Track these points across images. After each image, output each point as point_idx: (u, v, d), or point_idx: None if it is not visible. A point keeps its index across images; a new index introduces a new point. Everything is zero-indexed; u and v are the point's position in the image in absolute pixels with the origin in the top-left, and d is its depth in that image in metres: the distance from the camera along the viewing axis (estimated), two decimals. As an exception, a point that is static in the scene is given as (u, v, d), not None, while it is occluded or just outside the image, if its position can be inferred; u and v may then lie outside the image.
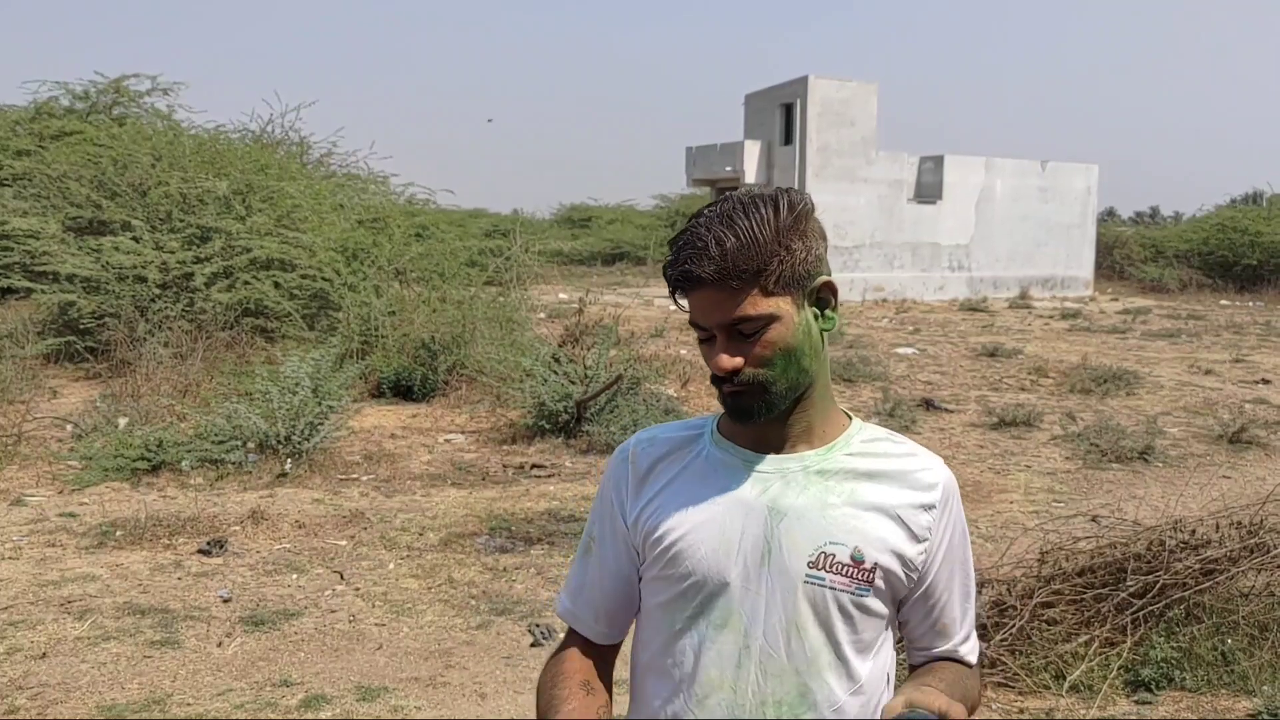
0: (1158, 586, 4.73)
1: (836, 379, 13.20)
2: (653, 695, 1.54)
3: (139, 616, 5.38)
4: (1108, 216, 46.00)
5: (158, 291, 12.14)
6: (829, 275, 1.50)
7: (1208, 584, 4.77)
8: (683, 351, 15.22)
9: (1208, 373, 14.67)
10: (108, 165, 13.84)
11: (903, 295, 28.18)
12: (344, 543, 6.69)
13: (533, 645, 5.16)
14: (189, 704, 4.44)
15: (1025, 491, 8.19)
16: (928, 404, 11.67)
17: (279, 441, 8.33)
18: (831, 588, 1.44)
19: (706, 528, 1.48)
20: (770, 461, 1.50)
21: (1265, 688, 4.34)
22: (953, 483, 1.54)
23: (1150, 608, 4.70)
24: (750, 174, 27.88)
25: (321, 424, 8.57)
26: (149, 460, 8.04)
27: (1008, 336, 18.94)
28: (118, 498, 7.53)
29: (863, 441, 1.53)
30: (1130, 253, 36.05)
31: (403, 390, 11.30)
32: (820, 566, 1.44)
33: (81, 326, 11.96)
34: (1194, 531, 5.02)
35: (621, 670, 1.65)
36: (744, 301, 1.40)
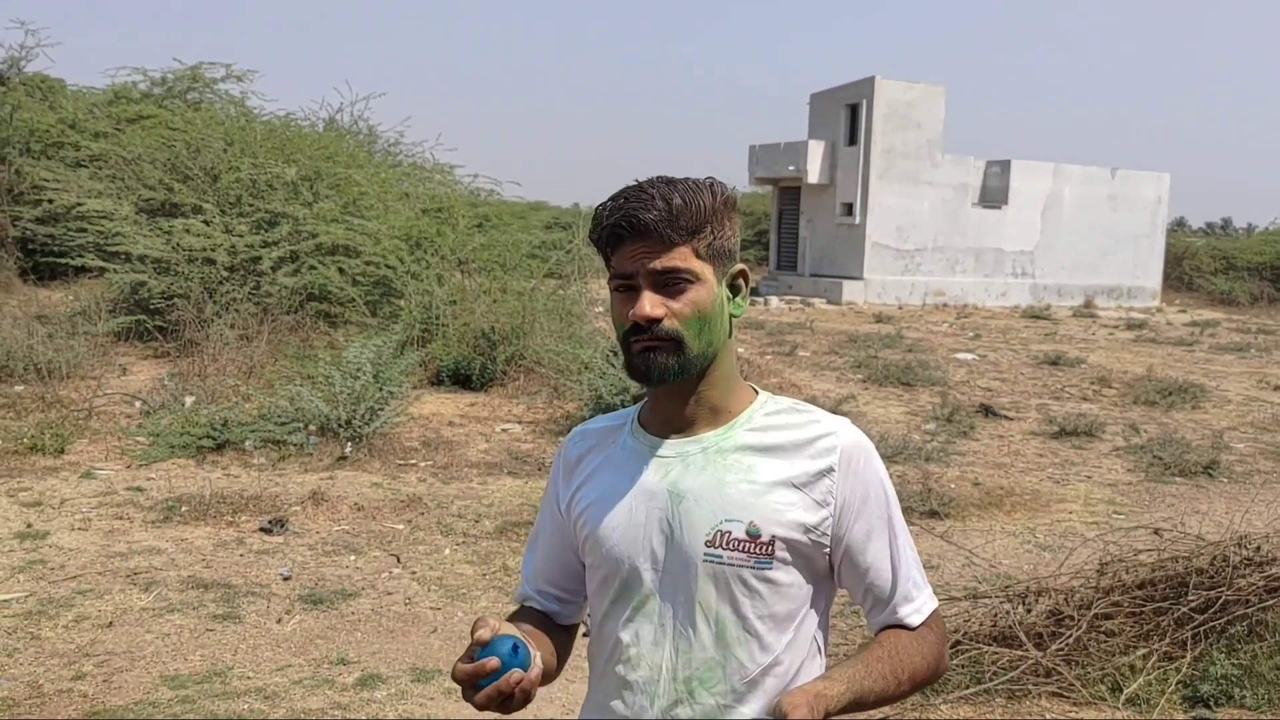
0: (1220, 602, 4.65)
1: (895, 382, 13.10)
2: (594, 673, 1.62)
3: (202, 590, 5.50)
4: (1177, 227, 45.06)
5: (225, 274, 12.37)
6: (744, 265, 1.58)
7: (1272, 601, 4.68)
8: (740, 350, 15.20)
9: (1277, 389, 14.34)
10: (181, 149, 14.13)
11: (964, 300, 27.85)
12: (401, 527, 6.78)
13: (584, 635, 5.19)
14: (249, 677, 4.54)
15: (1085, 502, 8.07)
16: (986, 410, 11.54)
17: (340, 425, 8.46)
18: (730, 564, 1.48)
19: (617, 515, 1.54)
20: (671, 445, 1.55)
21: (1329, 710, 4.26)
22: (858, 445, 1.54)
23: (1212, 623, 4.62)
24: (813, 174, 27.70)
25: (381, 409, 8.69)
26: (214, 439, 8.21)
27: (1071, 345, 18.66)
28: (183, 474, 7.70)
29: (765, 415, 1.57)
30: (1200, 264, 35.30)
31: (461, 379, 11.41)
32: (717, 544, 1.48)
33: (151, 306, 12.23)
34: (1259, 548, 4.93)
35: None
36: (676, 254, 1.46)
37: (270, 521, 6.59)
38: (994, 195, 28.91)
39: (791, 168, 28.15)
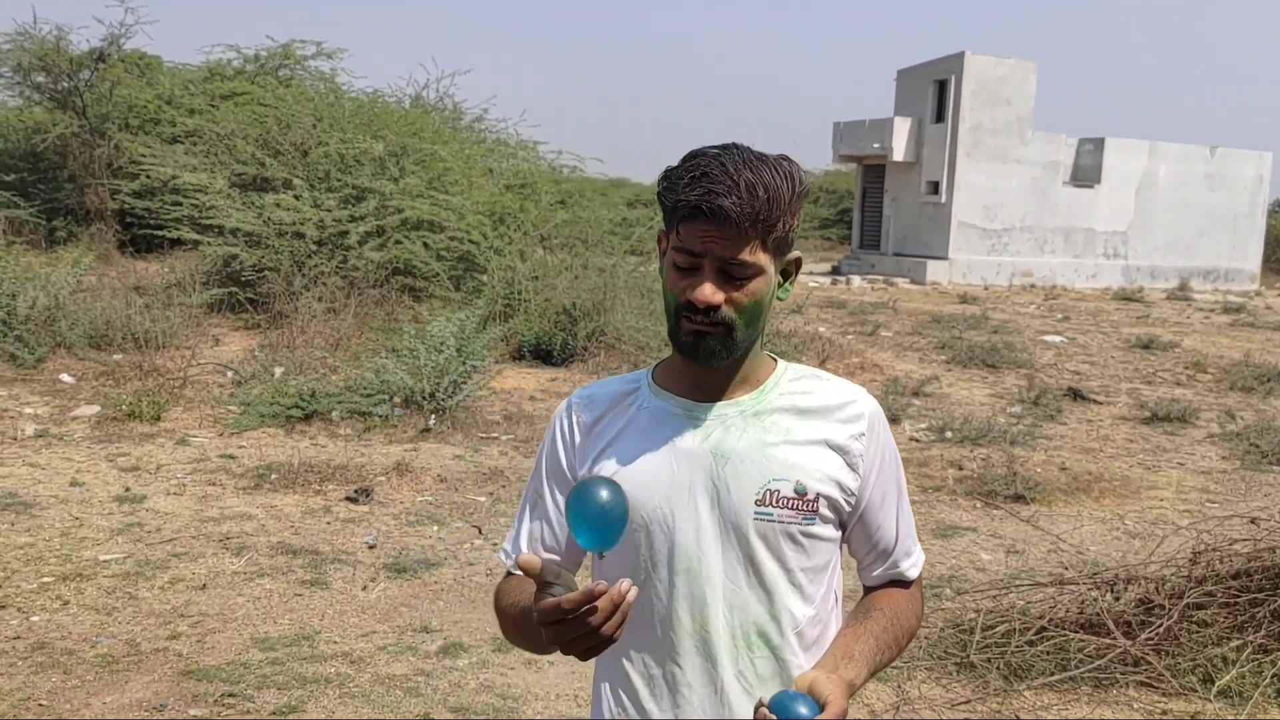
0: (1320, 595, 4.50)
1: (979, 364, 12.89)
2: (626, 640, 1.54)
3: (291, 556, 5.64)
4: (1279, 208, 43.46)
5: (314, 248, 12.60)
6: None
7: (1376, 596, 4.51)
8: (822, 329, 15.07)
9: (1384, 376, 13.78)
10: (272, 125, 14.41)
11: (1052, 282, 27.25)
12: (483, 499, 6.87)
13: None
14: (335, 642, 4.64)
15: (1177, 490, 7.86)
16: (1075, 394, 11.29)
17: (424, 398, 8.59)
18: (780, 521, 1.53)
19: (656, 476, 1.56)
20: (708, 408, 1.58)
21: None
22: (878, 412, 1.63)
23: (1311, 617, 4.47)
24: (899, 151, 27.28)
25: (464, 383, 8.79)
26: (302, 409, 8.39)
27: (1164, 329, 18.15)
28: (273, 443, 7.89)
29: (790, 381, 1.62)
30: (1302, 246, 34.04)
31: (542, 354, 11.50)
32: (767, 503, 1.53)
33: (243, 279, 12.51)
34: (1363, 541, 4.75)
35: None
36: (747, 247, 1.46)
37: (356, 491, 6.72)
38: (1086, 174, 28.19)
39: (876, 145, 27.75)
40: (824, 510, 1.55)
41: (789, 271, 1.59)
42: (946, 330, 15.84)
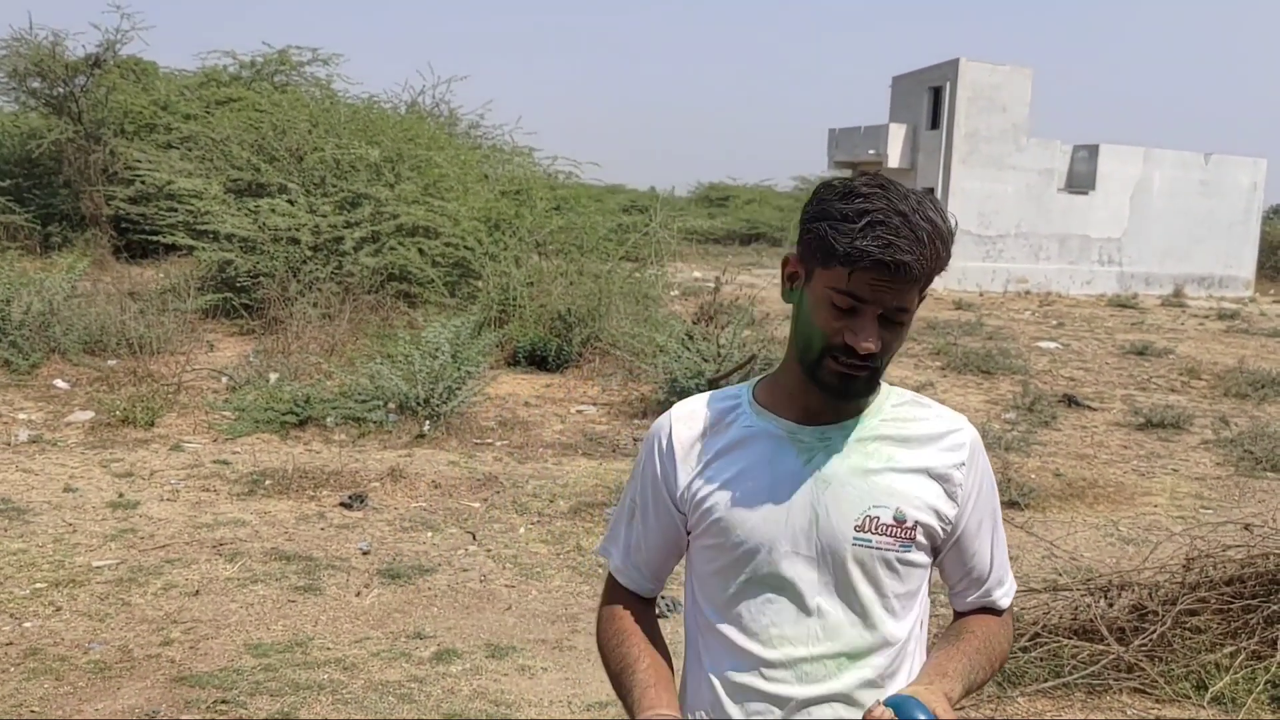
0: (1313, 602, 4.50)
1: (974, 370, 12.90)
2: (714, 654, 1.62)
3: (284, 562, 5.63)
4: (1274, 214, 43.57)
5: (309, 253, 12.60)
6: None
7: (1369, 603, 4.52)
8: (817, 335, 15.04)
9: (1377, 383, 13.80)
10: (268, 130, 14.41)
11: (1047, 288, 27.30)
12: (477, 505, 6.86)
13: (658, 617, 5.20)
14: (329, 648, 4.64)
15: (1171, 495, 7.88)
16: (1070, 400, 11.30)
17: (418, 403, 8.58)
18: (878, 548, 1.55)
19: (756, 497, 1.57)
20: (811, 431, 1.58)
21: None
22: (978, 440, 1.64)
23: (1304, 623, 4.48)
24: (894, 158, 27.34)
25: (459, 389, 8.79)
26: (297, 415, 8.38)
27: (1159, 335, 18.19)
28: (267, 449, 7.88)
29: (893, 406, 1.62)
30: (1297, 253, 34.11)
31: (537, 360, 11.50)
32: (866, 529, 1.54)
33: (238, 284, 12.50)
34: (1356, 547, 4.76)
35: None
36: (909, 294, 1.47)
37: (350, 497, 6.71)
38: (1081, 180, 28.26)
39: (872, 151, 27.81)
40: (920, 538, 1.57)
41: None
42: (941, 336, 15.86)
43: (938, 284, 25.52)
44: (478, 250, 13.39)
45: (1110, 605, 4.75)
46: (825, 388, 1.52)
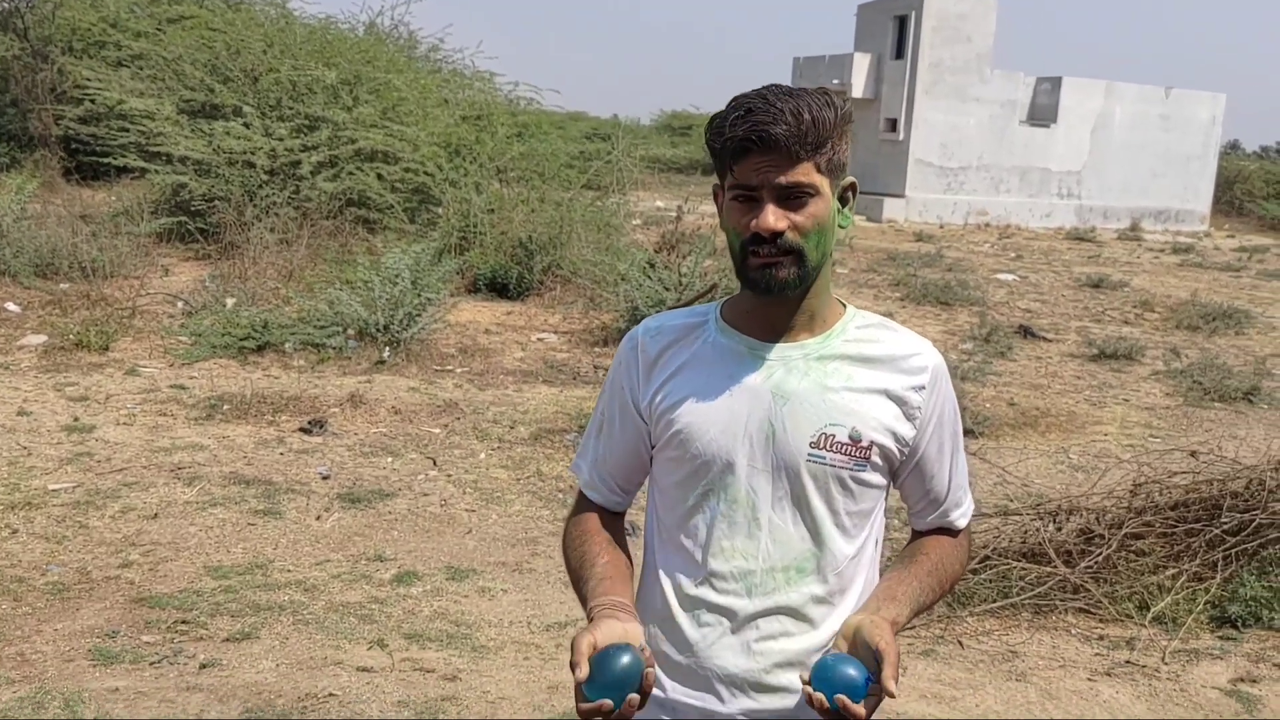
0: (1253, 525, 4.64)
1: (933, 301, 13.00)
2: (669, 565, 1.67)
3: (244, 486, 5.63)
4: (1231, 149, 43.97)
5: (265, 177, 12.38)
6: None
7: (1306, 527, 4.66)
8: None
9: (1324, 317, 14.09)
10: (221, 50, 14.03)
11: (1007, 221, 27.42)
12: (437, 431, 6.87)
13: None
14: (289, 570, 4.66)
15: (1121, 424, 8.04)
16: (1025, 331, 11.45)
17: (378, 330, 8.54)
18: (832, 465, 1.57)
19: (715, 411, 1.59)
20: (773, 349, 1.61)
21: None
22: (942, 365, 1.66)
23: (1244, 546, 4.62)
24: (858, 88, 27.18)
25: (419, 315, 8.75)
26: (255, 340, 8.32)
27: (1114, 268, 18.39)
28: (225, 374, 7.82)
29: (858, 328, 1.66)
30: (1252, 188, 34.39)
31: (498, 288, 11.44)
32: (821, 446, 1.57)
33: (193, 208, 12.28)
34: (1297, 473, 4.89)
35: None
36: (800, 169, 1.49)
37: (310, 422, 6.70)
38: (1043, 113, 28.27)
39: (836, 81, 27.60)
40: (876, 458, 1.59)
41: (846, 198, 1.61)
42: (901, 268, 15.94)
43: (899, 215, 25.65)
44: (438, 176, 13.21)
45: (1059, 529, 4.87)
46: (755, 284, 1.55)
